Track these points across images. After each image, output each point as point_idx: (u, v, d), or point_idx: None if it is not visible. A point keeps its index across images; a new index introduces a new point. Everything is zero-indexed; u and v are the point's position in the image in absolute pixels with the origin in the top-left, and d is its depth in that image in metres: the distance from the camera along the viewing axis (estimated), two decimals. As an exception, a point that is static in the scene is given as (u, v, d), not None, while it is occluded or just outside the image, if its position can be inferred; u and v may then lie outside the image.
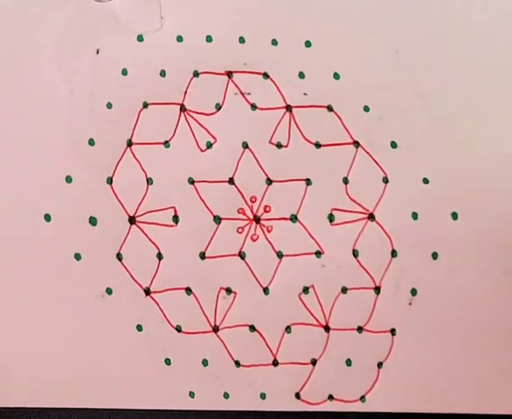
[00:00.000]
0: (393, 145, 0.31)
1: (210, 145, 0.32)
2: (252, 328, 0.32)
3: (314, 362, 0.32)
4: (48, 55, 0.31)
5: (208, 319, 0.32)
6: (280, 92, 0.31)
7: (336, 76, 0.31)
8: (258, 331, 0.32)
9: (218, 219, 0.32)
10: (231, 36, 0.31)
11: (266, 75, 0.31)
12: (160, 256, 0.32)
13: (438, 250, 0.31)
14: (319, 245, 0.32)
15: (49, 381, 0.33)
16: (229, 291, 0.32)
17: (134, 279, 0.32)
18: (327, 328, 0.32)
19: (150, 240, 0.32)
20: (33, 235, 0.32)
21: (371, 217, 0.32)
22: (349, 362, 0.32)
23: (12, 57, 0.31)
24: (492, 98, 0.30)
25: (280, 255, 0.32)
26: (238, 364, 0.32)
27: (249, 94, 0.31)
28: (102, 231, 0.32)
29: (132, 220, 0.32)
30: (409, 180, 0.31)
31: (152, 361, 0.32)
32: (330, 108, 0.31)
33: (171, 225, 0.32)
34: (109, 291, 0.32)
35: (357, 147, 0.31)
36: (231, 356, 0.32)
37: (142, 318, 0.32)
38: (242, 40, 0.31)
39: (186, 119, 0.31)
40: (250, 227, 0.32)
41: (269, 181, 0.32)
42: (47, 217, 0.32)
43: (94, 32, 0.31)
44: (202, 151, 0.32)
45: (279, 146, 0.32)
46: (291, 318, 0.32)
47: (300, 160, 0.32)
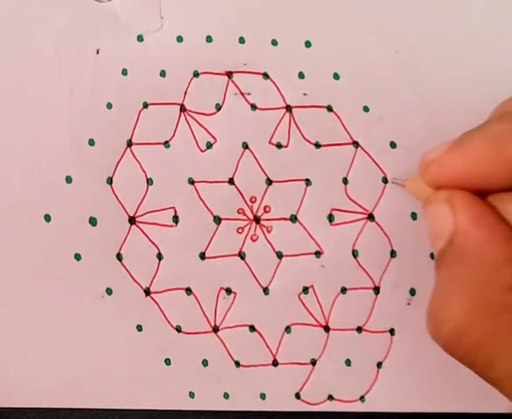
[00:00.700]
0: (393, 145, 0.31)
1: (210, 145, 0.32)
2: (252, 328, 0.32)
3: (313, 362, 0.32)
4: (48, 55, 0.31)
5: (208, 320, 0.32)
6: (280, 92, 0.31)
7: (336, 76, 0.31)
8: (258, 331, 0.32)
9: (218, 219, 0.32)
10: (231, 36, 0.31)
11: (266, 75, 0.31)
12: (160, 256, 0.32)
13: (437, 250, 0.31)
14: (318, 245, 0.32)
15: (48, 381, 0.33)
16: (229, 291, 0.32)
17: (134, 279, 0.32)
18: (326, 328, 0.32)
19: (150, 240, 0.32)
20: (33, 235, 0.32)
21: (371, 218, 0.32)
22: (349, 362, 0.32)
23: (12, 57, 0.31)
24: (492, 98, 0.30)
25: (280, 255, 0.32)
26: (238, 364, 0.32)
27: (249, 94, 0.31)
28: (102, 231, 0.32)
29: (132, 220, 0.32)
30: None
31: (152, 361, 0.32)
32: (330, 108, 0.31)
33: (171, 225, 0.32)
34: (109, 291, 0.32)
35: (357, 147, 0.31)
36: (231, 356, 0.32)
37: (142, 318, 0.32)
38: (242, 40, 0.31)
39: (186, 119, 0.31)
40: (250, 227, 0.32)
41: (269, 181, 0.32)
42: (47, 217, 0.32)
43: (94, 32, 0.31)
44: (202, 151, 0.32)
45: (279, 146, 0.32)
46: (291, 318, 0.32)
47: (299, 160, 0.32)
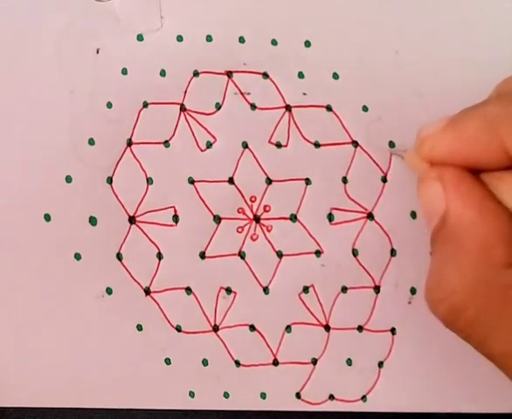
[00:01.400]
0: (391, 144, 0.31)
1: (209, 144, 0.32)
2: (252, 328, 0.32)
3: (314, 362, 0.32)
4: (48, 55, 0.31)
5: (208, 319, 0.32)
6: (280, 91, 0.31)
7: (336, 76, 0.31)
8: (258, 330, 0.32)
9: (218, 219, 0.32)
10: (231, 35, 0.31)
11: (266, 75, 0.31)
12: (160, 255, 0.32)
13: (437, 248, 0.31)
14: (318, 245, 0.32)
15: (48, 381, 0.32)
16: (229, 290, 0.32)
17: (134, 279, 0.32)
18: (327, 328, 0.32)
19: (150, 240, 0.32)
20: (33, 234, 0.32)
21: (370, 217, 0.32)
22: (350, 362, 0.32)
23: (12, 57, 0.31)
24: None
25: (280, 254, 0.32)
26: (238, 364, 0.32)
27: (249, 94, 0.31)
28: (102, 231, 0.32)
29: (132, 220, 0.32)
30: (407, 179, 0.31)
31: (152, 361, 0.32)
32: (329, 108, 0.31)
33: (171, 225, 0.32)
34: (109, 290, 0.32)
35: (356, 146, 0.31)
36: (231, 356, 0.32)
37: (142, 318, 0.32)
38: (242, 40, 0.31)
39: (186, 118, 0.31)
40: (250, 227, 0.32)
41: (269, 180, 0.32)
42: (47, 217, 0.32)
43: (94, 32, 0.31)
44: (202, 151, 0.32)
45: (278, 145, 0.32)
46: (291, 317, 0.32)
47: (299, 159, 0.32)
